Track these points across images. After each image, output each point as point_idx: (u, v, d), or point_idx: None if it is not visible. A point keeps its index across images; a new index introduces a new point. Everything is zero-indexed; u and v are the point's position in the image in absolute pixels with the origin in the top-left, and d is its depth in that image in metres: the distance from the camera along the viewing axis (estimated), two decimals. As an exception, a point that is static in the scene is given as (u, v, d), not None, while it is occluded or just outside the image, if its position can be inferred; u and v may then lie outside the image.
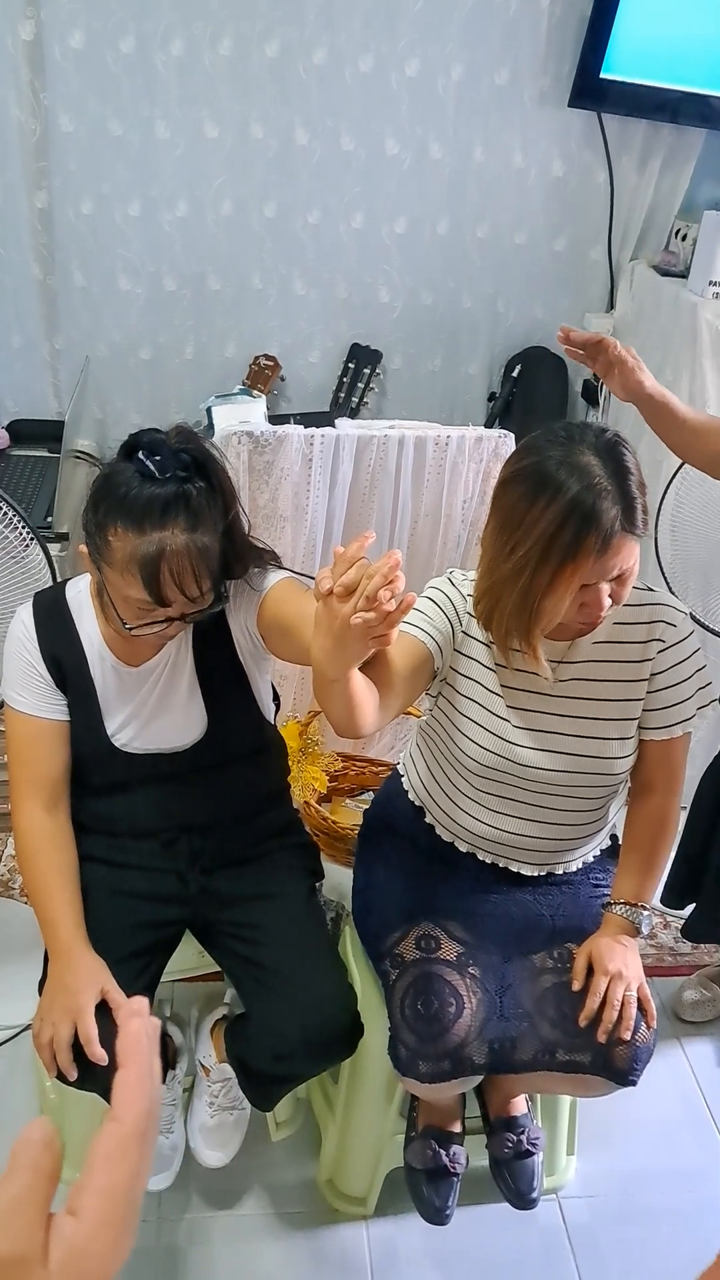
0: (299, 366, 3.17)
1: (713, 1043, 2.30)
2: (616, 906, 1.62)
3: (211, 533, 1.40)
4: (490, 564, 1.45)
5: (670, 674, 1.55)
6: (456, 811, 1.66)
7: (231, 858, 1.71)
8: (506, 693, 1.55)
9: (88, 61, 2.67)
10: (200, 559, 1.38)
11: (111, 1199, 0.54)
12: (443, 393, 3.30)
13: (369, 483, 2.46)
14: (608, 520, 1.33)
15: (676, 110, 2.81)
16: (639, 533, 1.38)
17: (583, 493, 1.33)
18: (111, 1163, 0.55)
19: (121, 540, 1.37)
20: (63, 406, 3.10)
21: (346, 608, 1.05)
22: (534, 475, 1.37)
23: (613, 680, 1.55)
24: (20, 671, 1.56)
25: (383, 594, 1.03)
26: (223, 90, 2.76)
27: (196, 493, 1.39)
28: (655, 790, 1.64)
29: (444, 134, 2.89)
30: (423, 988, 1.55)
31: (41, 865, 1.58)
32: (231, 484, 1.46)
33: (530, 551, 1.36)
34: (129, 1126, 0.56)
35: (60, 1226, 0.52)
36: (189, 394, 3.14)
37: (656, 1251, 1.90)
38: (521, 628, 1.43)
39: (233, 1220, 1.88)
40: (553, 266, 3.14)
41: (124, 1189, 0.54)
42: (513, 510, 1.39)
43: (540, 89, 2.87)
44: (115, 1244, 0.53)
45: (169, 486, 1.37)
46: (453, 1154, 1.75)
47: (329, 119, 2.83)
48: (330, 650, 1.11)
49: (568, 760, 1.55)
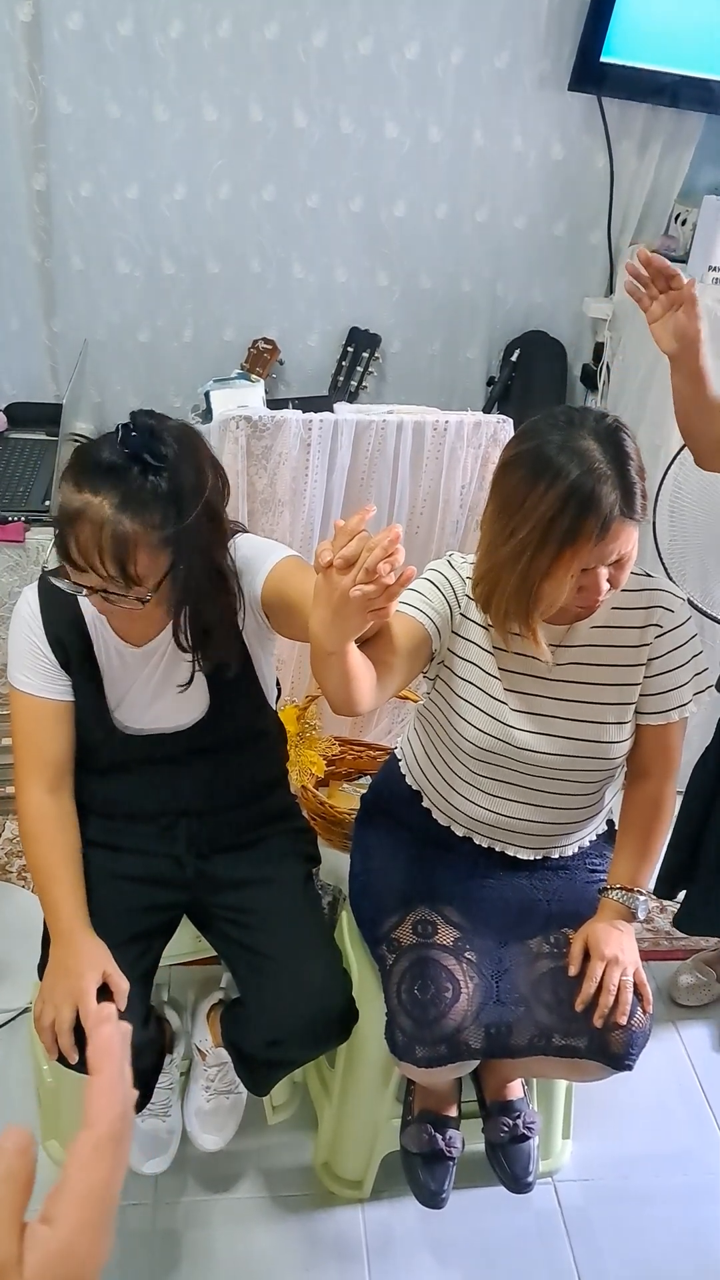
0: (297, 350, 3.16)
1: (708, 1027, 2.31)
2: (613, 891, 1.62)
3: (144, 526, 1.34)
4: (489, 547, 1.45)
5: (667, 659, 1.55)
6: (453, 795, 1.66)
7: (228, 842, 1.71)
8: (504, 676, 1.55)
9: (86, 43, 2.65)
10: (113, 541, 1.33)
11: (87, 1203, 0.54)
12: (441, 377, 3.29)
13: (367, 467, 2.45)
14: (607, 505, 1.33)
15: (677, 94, 2.79)
16: (638, 518, 1.38)
17: (582, 477, 1.33)
18: (86, 1168, 0.55)
19: (62, 492, 1.36)
20: (61, 389, 3.09)
21: (346, 580, 1.06)
22: (534, 459, 1.37)
23: (610, 665, 1.56)
24: (25, 652, 1.56)
25: (382, 567, 1.04)
26: (221, 73, 2.74)
27: (148, 483, 1.34)
28: (651, 775, 1.64)
29: (443, 117, 2.87)
30: (419, 973, 1.55)
31: (45, 847, 1.58)
32: (207, 499, 1.39)
33: (529, 535, 1.36)
34: (102, 1131, 0.56)
35: (35, 1234, 0.52)
36: (187, 377, 3.13)
37: (651, 1234, 1.91)
38: (520, 611, 1.43)
39: (229, 1203, 1.88)
40: (552, 251, 3.13)
41: (99, 1193, 0.55)
42: (513, 494, 1.39)
43: (540, 72, 2.85)
44: (93, 1247, 0.53)
45: (121, 459, 1.34)
46: (448, 1138, 1.76)
47: (328, 102, 2.81)
48: (329, 622, 1.12)
49: (564, 744, 1.56)
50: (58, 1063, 1.50)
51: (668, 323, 1.61)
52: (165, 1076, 1.77)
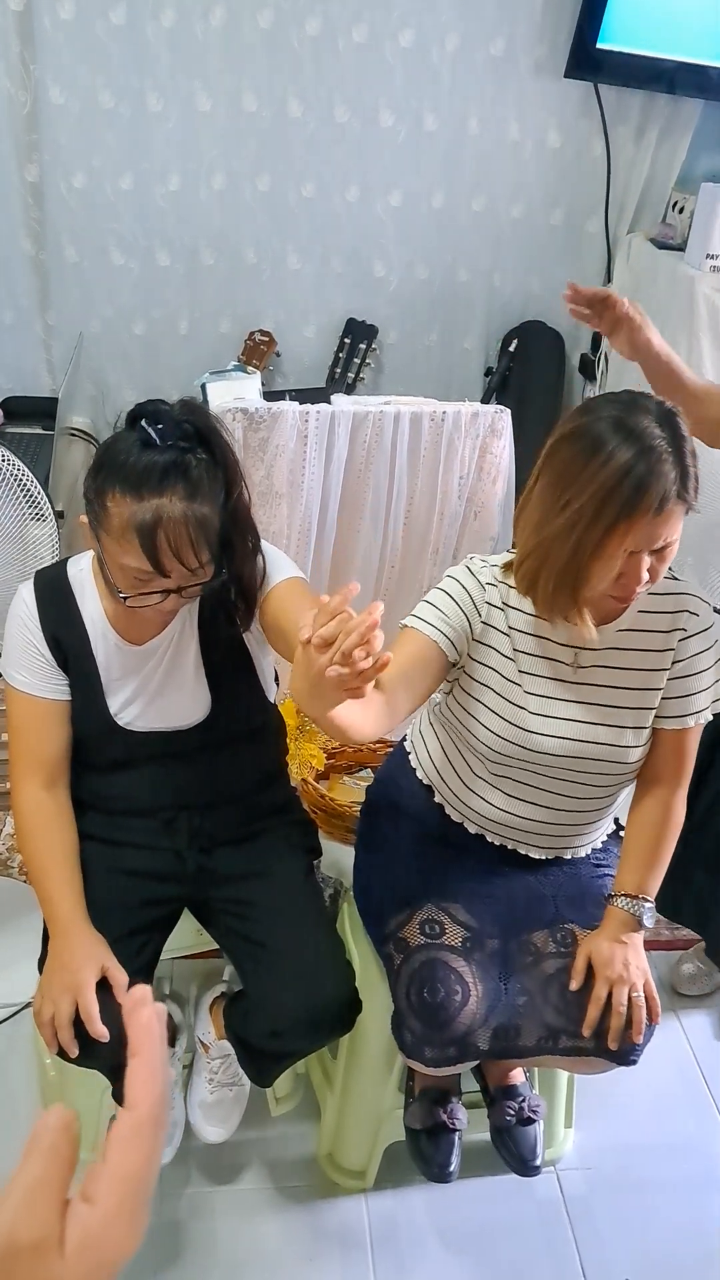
0: (294, 342, 3.16)
1: (709, 1016, 2.32)
2: (619, 900, 1.59)
3: (211, 504, 1.39)
4: (539, 522, 1.42)
5: (689, 663, 1.54)
6: (468, 794, 1.65)
7: (229, 836, 1.71)
8: (525, 679, 1.53)
9: (78, 33, 2.64)
10: (198, 529, 1.37)
11: (126, 1185, 0.54)
12: (439, 368, 3.29)
13: (365, 459, 2.45)
14: (666, 483, 1.32)
15: (673, 81, 2.78)
16: (691, 502, 1.37)
17: (643, 453, 1.32)
18: (126, 1149, 0.55)
19: (119, 506, 1.36)
20: (56, 383, 3.09)
21: (323, 660, 1.08)
22: (593, 433, 1.35)
23: (633, 669, 1.54)
24: (21, 650, 1.56)
25: (357, 653, 1.05)
26: (215, 62, 2.73)
27: (196, 463, 1.38)
28: (662, 781, 1.62)
29: (439, 105, 2.86)
30: (428, 975, 1.54)
31: (41, 843, 1.58)
32: (236, 460, 1.45)
33: (585, 506, 1.34)
34: (143, 1113, 0.56)
35: (77, 1212, 0.53)
36: (184, 370, 3.13)
37: (653, 1222, 1.91)
38: (567, 588, 1.41)
39: (233, 1195, 1.89)
40: (549, 239, 3.12)
41: (138, 1175, 0.55)
42: (568, 466, 1.37)
43: (536, 59, 2.84)
44: (129, 1230, 0.54)
45: (168, 454, 1.36)
46: (451, 1110, 1.76)
47: (322, 90, 2.80)
48: (306, 694, 1.15)
49: (583, 747, 1.54)
50: (58, 1057, 1.50)
51: (620, 338, 1.69)
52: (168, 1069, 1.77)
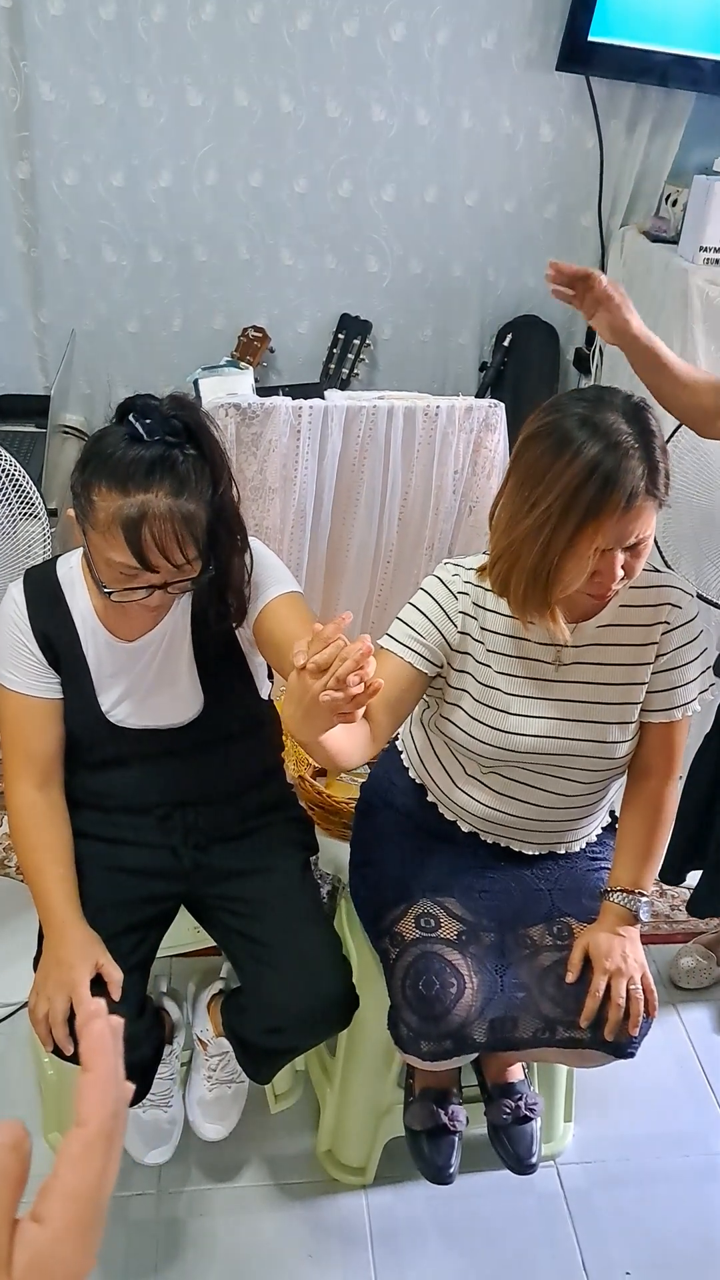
0: (288, 338, 3.15)
1: (708, 1009, 2.32)
2: (614, 894, 1.59)
3: (198, 500, 1.38)
4: (509, 522, 1.41)
5: (674, 656, 1.53)
6: (458, 794, 1.65)
7: (225, 833, 1.70)
8: (507, 680, 1.53)
9: (68, 28, 2.63)
10: (184, 525, 1.37)
11: (77, 1203, 0.53)
12: (434, 363, 3.28)
13: (358, 454, 2.44)
14: (633, 479, 1.31)
15: (666, 73, 2.77)
16: (660, 497, 1.35)
17: (609, 449, 1.30)
18: (77, 1166, 0.54)
19: (105, 500, 1.36)
20: (49, 381, 3.07)
21: (317, 685, 1.10)
22: (559, 431, 1.34)
23: (616, 664, 1.53)
24: (11, 649, 1.55)
25: (351, 679, 1.08)
26: (205, 56, 2.72)
27: (184, 458, 1.38)
28: (653, 774, 1.62)
29: (431, 99, 2.85)
30: (424, 968, 1.54)
31: (34, 842, 1.58)
32: (224, 456, 1.45)
33: (552, 506, 1.33)
34: (94, 1129, 0.55)
35: (25, 1232, 0.52)
36: (178, 367, 3.12)
37: (654, 1216, 1.91)
38: (539, 589, 1.40)
39: (232, 1192, 1.89)
40: (543, 233, 3.11)
41: (89, 1192, 0.54)
42: (535, 465, 1.36)
43: (527, 52, 2.83)
44: (80, 1249, 0.53)
45: (155, 449, 1.36)
46: (451, 1112, 1.76)
47: (314, 85, 2.79)
48: (299, 719, 1.17)
49: (569, 744, 1.53)
50: (54, 1054, 1.50)
51: (600, 318, 1.69)
52: (166, 1067, 1.77)
